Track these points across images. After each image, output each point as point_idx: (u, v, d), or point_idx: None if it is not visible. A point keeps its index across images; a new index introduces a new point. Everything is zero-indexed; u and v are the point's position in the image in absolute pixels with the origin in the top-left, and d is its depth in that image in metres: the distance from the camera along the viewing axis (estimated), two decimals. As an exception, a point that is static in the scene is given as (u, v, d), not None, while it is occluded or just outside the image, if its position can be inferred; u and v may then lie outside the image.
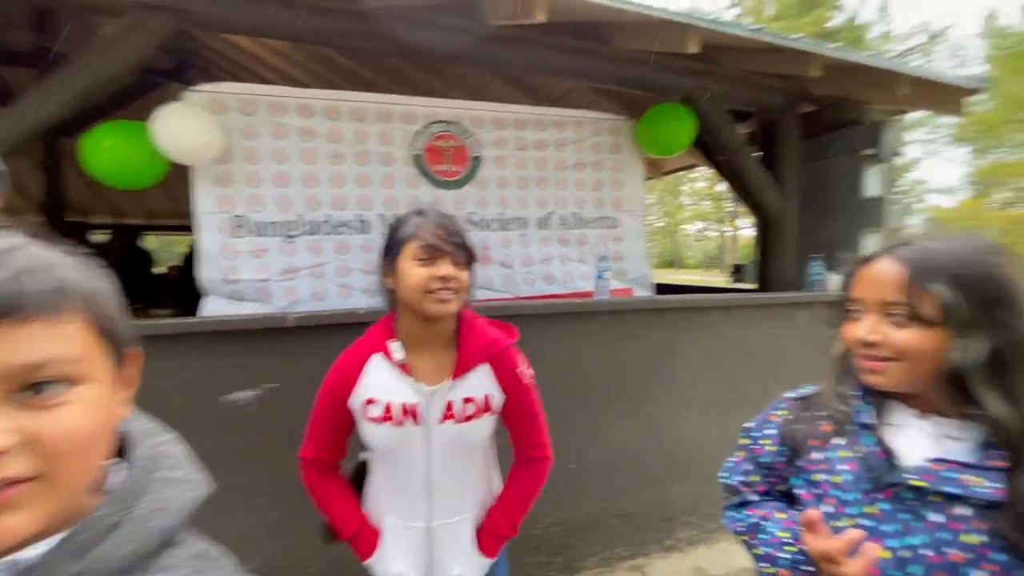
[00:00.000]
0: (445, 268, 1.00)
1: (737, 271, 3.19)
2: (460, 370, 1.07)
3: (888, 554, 0.66)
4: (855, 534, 0.63)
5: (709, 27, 1.92)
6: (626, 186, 2.77)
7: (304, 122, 2.28)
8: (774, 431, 0.87)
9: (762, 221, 2.97)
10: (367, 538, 1.12)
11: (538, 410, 1.18)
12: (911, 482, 0.66)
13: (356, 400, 1.06)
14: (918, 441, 0.70)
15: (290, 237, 2.28)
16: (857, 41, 18.34)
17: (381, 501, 1.14)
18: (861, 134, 2.78)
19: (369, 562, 1.12)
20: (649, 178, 5.67)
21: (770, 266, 2.94)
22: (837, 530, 0.71)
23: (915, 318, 0.66)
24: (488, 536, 1.16)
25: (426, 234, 1.01)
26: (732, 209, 25.72)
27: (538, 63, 2.38)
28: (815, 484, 0.77)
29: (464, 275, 1.04)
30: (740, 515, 0.89)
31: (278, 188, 2.26)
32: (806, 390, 0.88)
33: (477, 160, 2.51)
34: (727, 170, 2.87)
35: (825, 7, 19.29)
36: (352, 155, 2.36)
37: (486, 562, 1.15)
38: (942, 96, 2.53)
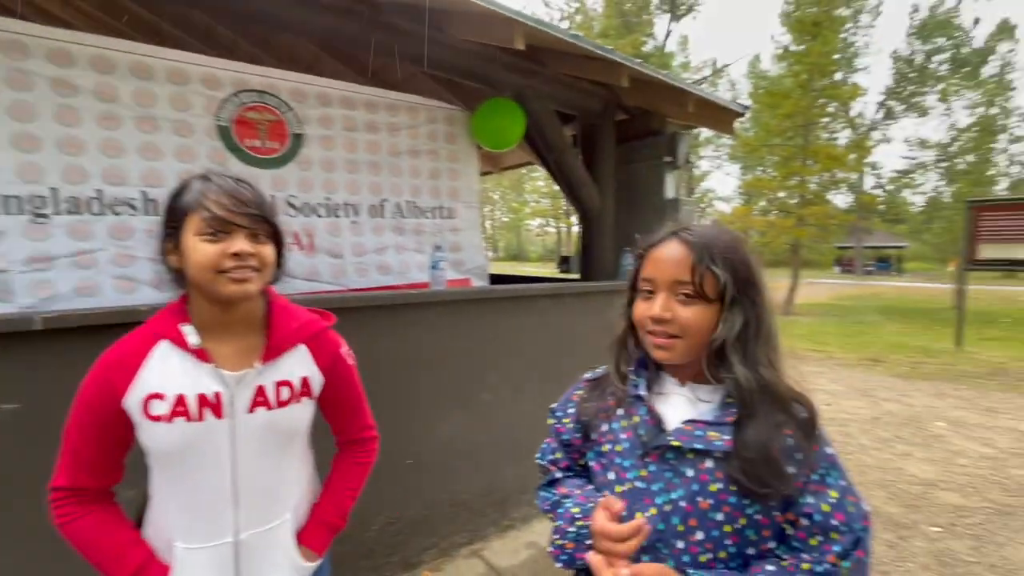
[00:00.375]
0: (239, 243, 0.85)
1: (564, 262, 3.44)
2: (272, 352, 0.94)
3: (654, 510, 0.74)
4: (639, 521, 0.70)
5: (533, 25, 2.02)
6: (461, 176, 2.79)
7: (58, 71, 1.81)
8: (573, 410, 0.93)
9: (584, 217, 3.26)
10: (154, 574, 0.90)
11: (362, 392, 1.13)
12: (671, 443, 0.74)
13: (134, 398, 0.85)
14: (679, 406, 0.79)
15: (40, 216, 1.80)
16: (664, 67, 21.37)
17: (168, 524, 0.93)
18: (662, 143, 3.22)
19: None
20: (488, 172, 5.84)
21: (591, 257, 3.24)
22: (620, 495, 0.78)
23: (699, 296, 0.73)
24: (316, 528, 1.04)
25: (212, 204, 0.84)
26: (567, 207, 27.99)
27: (369, 41, 2.24)
28: (603, 455, 0.83)
29: (265, 250, 0.90)
30: (547, 493, 0.93)
31: (20, 152, 1.76)
32: (600, 370, 0.94)
33: (298, 138, 2.27)
34: (555, 168, 3.08)
35: (640, 33, 22.07)
36: (133, 119, 1.94)
37: (310, 567, 1.03)
38: (718, 116, 3.06)
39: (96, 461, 0.89)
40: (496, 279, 3.28)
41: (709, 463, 0.73)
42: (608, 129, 3.18)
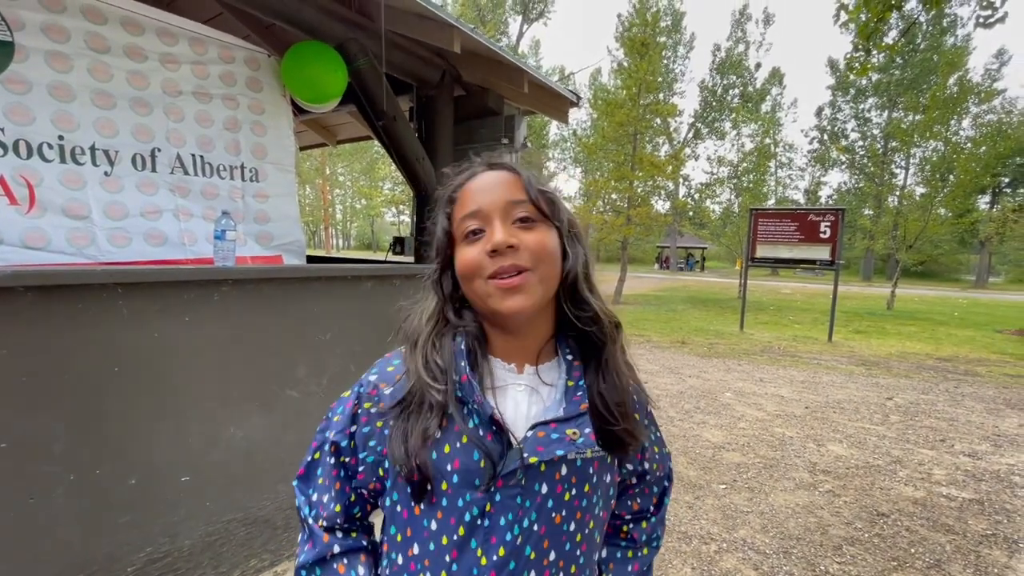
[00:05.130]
0: None
1: (397, 244, 3.19)
2: None
3: (503, 550, 0.56)
4: None
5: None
6: (269, 132, 2.34)
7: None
8: (364, 428, 0.65)
9: (419, 194, 3.03)
10: None
11: None
12: (529, 461, 0.55)
13: None
14: (520, 404, 0.61)
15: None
16: (516, 65, 22.12)
17: None
18: (500, 124, 3.15)
19: None
20: (322, 145, 5.26)
21: (427, 238, 3.04)
22: (444, 548, 0.57)
23: (541, 216, 0.60)
24: None
25: None
26: (420, 196, 27.38)
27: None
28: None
29: None
30: None
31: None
32: (393, 366, 0.67)
33: (5, 47, 1.63)
34: (385, 139, 2.79)
35: (494, 29, 22.47)
36: None
37: None
38: (553, 102, 3.09)
39: None
40: (314, 260, 2.89)
41: (564, 469, 0.59)
42: (445, 102, 3.00)
